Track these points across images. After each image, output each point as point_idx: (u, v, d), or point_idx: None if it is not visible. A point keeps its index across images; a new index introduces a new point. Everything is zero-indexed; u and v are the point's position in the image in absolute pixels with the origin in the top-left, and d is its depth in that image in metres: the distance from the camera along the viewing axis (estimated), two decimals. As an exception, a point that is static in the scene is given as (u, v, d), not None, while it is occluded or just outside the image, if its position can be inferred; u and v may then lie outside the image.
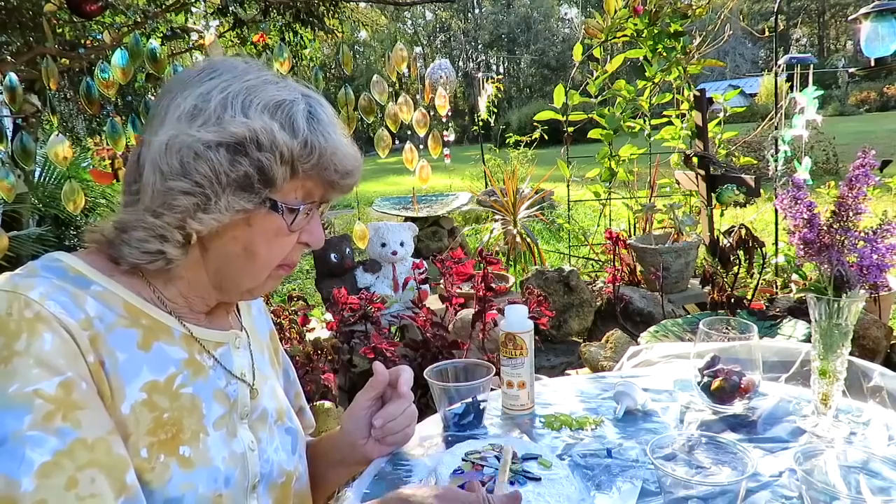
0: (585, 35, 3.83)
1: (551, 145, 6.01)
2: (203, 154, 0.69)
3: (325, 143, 0.73)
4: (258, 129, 0.69)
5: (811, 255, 1.00)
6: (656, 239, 3.61)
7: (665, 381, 1.23)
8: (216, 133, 0.69)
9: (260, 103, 0.71)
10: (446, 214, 5.12)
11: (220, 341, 0.84)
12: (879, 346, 2.51)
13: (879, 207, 2.06)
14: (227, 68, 0.75)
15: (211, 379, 0.80)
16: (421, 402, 2.35)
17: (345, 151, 0.76)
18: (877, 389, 1.34)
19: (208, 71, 0.75)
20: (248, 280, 0.79)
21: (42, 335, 0.64)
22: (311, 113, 0.74)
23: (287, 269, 0.82)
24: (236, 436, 0.80)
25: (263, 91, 0.72)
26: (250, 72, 0.75)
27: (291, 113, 0.72)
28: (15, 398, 0.61)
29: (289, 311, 2.55)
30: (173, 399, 0.74)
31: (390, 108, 2.81)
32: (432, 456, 0.99)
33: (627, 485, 0.88)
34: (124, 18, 4.59)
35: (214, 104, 0.71)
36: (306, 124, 0.72)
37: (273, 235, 0.76)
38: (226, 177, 0.70)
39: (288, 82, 0.76)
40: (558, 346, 3.17)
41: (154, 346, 0.74)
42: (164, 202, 0.71)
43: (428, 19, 40.07)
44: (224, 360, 0.83)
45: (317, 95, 0.78)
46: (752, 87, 20.84)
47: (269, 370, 0.94)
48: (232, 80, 0.73)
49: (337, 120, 0.78)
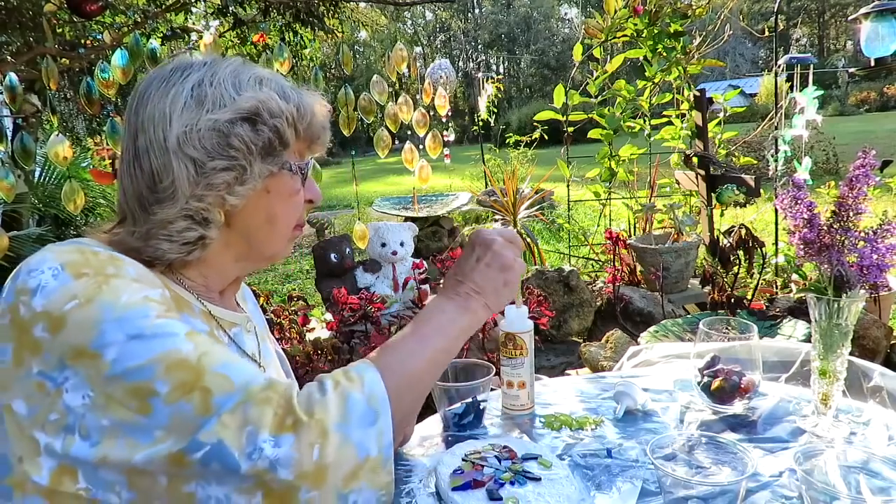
0: (585, 35, 3.83)
1: (551, 145, 6.01)
2: (228, 130, 0.75)
3: (311, 105, 0.82)
4: (265, 99, 0.77)
5: (811, 255, 1.00)
6: (656, 239, 3.61)
7: (665, 381, 1.23)
8: (231, 111, 0.75)
9: (248, 80, 0.78)
10: (446, 214, 5.12)
11: (234, 322, 0.88)
12: (879, 346, 2.51)
13: (879, 207, 2.06)
14: (198, 64, 0.80)
15: None
16: (421, 402, 2.36)
17: (321, 108, 0.85)
18: (877, 389, 1.34)
19: (181, 69, 0.79)
20: (271, 246, 0.85)
21: (125, 265, 0.70)
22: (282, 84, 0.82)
23: (300, 230, 0.89)
24: None
25: (244, 72, 0.79)
26: (218, 61, 0.81)
27: (279, 84, 0.80)
28: (130, 304, 0.66)
29: (289, 311, 2.55)
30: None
31: (390, 108, 2.82)
32: (432, 456, 0.99)
33: (627, 485, 0.88)
34: (124, 18, 4.59)
35: (213, 89, 0.76)
36: (291, 90, 0.81)
37: (288, 197, 0.83)
38: (254, 146, 0.76)
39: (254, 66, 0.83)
40: (558, 346, 3.17)
41: (182, 315, 0.77)
42: (205, 184, 0.75)
43: (428, 19, 40.08)
44: (238, 340, 0.87)
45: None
46: (752, 87, 20.85)
47: (272, 357, 0.99)
48: (210, 69, 0.78)
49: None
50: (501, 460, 0.91)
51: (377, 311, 2.61)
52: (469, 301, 0.84)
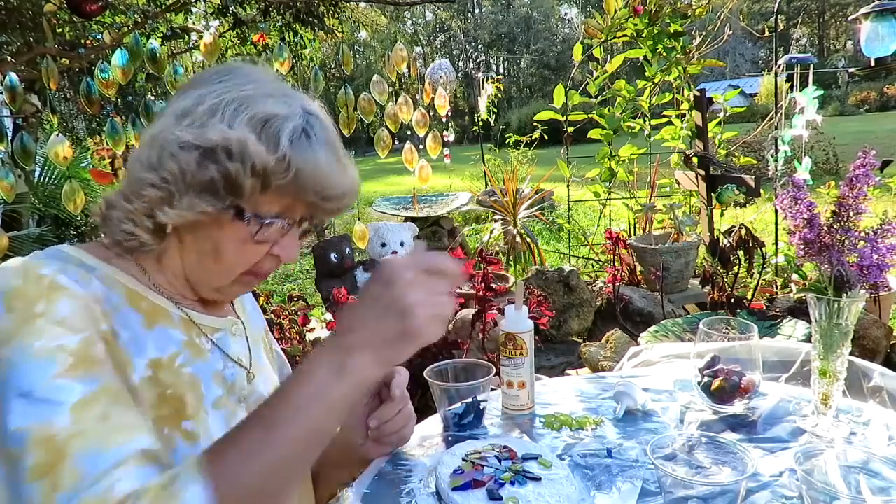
0: (585, 35, 3.83)
1: (551, 145, 6.01)
2: (176, 153, 0.72)
3: (306, 163, 0.74)
4: (232, 139, 0.71)
5: (811, 255, 1.00)
6: (656, 239, 3.61)
7: (665, 381, 1.23)
8: (194, 135, 0.72)
9: (248, 114, 0.73)
10: (446, 214, 5.13)
11: (217, 327, 0.86)
12: (879, 346, 2.51)
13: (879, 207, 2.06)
14: (241, 74, 0.78)
15: (210, 361, 0.82)
16: (421, 402, 2.36)
17: (330, 175, 0.76)
18: (877, 389, 1.34)
19: (222, 74, 0.78)
20: (215, 279, 0.81)
21: (59, 300, 0.67)
22: (305, 131, 0.75)
23: (255, 278, 0.84)
24: (234, 418, 0.81)
25: (259, 103, 0.74)
26: (257, 80, 0.77)
27: (278, 128, 0.73)
28: (40, 352, 0.64)
29: (289, 311, 2.55)
30: (176, 376, 0.76)
31: (390, 108, 2.82)
32: (432, 456, 0.99)
33: (627, 485, 0.88)
34: (124, 18, 4.59)
35: (205, 108, 0.74)
36: (290, 142, 0.73)
37: (241, 242, 0.78)
38: (191, 177, 0.72)
39: (293, 98, 0.78)
40: (558, 346, 3.17)
41: (157, 328, 0.77)
42: (134, 190, 0.74)
43: (428, 19, 40.08)
44: (222, 345, 0.86)
45: (322, 114, 0.79)
46: (752, 87, 20.84)
47: (264, 361, 0.96)
48: (234, 87, 0.75)
49: (338, 144, 0.79)
50: (501, 460, 0.91)
51: (377, 311, 2.60)
52: (350, 357, 0.66)
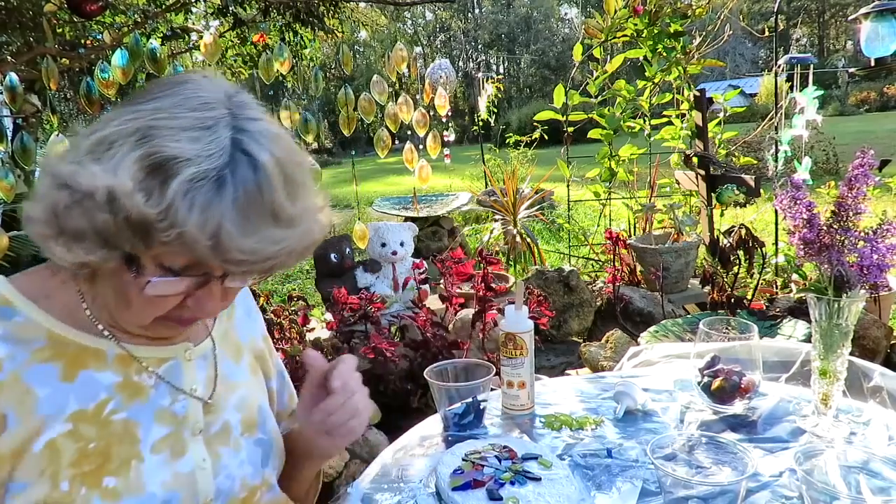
0: (585, 35, 3.83)
1: (551, 145, 6.00)
2: (47, 190, 0.63)
3: (193, 220, 0.58)
4: (100, 187, 0.59)
5: (811, 255, 1.00)
6: (656, 239, 3.61)
7: (665, 381, 1.23)
8: (70, 173, 0.61)
9: (143, 152, 0.59)
10: (446, 214, 5.13)
11: (164, 357, 0.79)
12: (879, 346, 2.51)
13: (879, 207, 2.06)
14: (174, 92, 0.65)
15: (152, 399, 0.76)
16: (421, 402, 2.36)
17: (227, 238, 0.60)
18: (877, 389, 1.34)
19: (156, 90, 0.66)
20: (127, 323, 0.74)
21: None
22: (218, 181, 0.59)
23: (182, 323, 0.74)
24: (185, 454, 0.76)
25: (165, 138, 0.60)
26: (181, 106, 0.63)
27: (172, 175, 0.58)
28: None
29: (289, 311, 2.55)
30: (102, 427, 0.71)
31: (390, 108, 2.82)
32: (432, 456, 0.99)
33: (627, 485, 0.88)
34: (124, 18, 4.60)
35: (95, 139, 0.62)
36: (184, 194, 0.58)
37: (137, 291, 0.67)
38: (62, 221, 0.62)
39: (220, 132, 0.62)
40: (558, 346, 3.17)
41: (80, 376, 0.72)
42: (27, 218, 0.66)
43: (428, 19, 40.08)
44: (170, 376, 0.78)
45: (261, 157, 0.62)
46: (752, 87, 20.84)
47: (244, 377, 0.89)
48: (147, 112, 0.62)
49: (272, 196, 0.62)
50: (501, 460, 0.91)
51: (377, 311, 2.61)
52: None
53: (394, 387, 2.37)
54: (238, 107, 0.65)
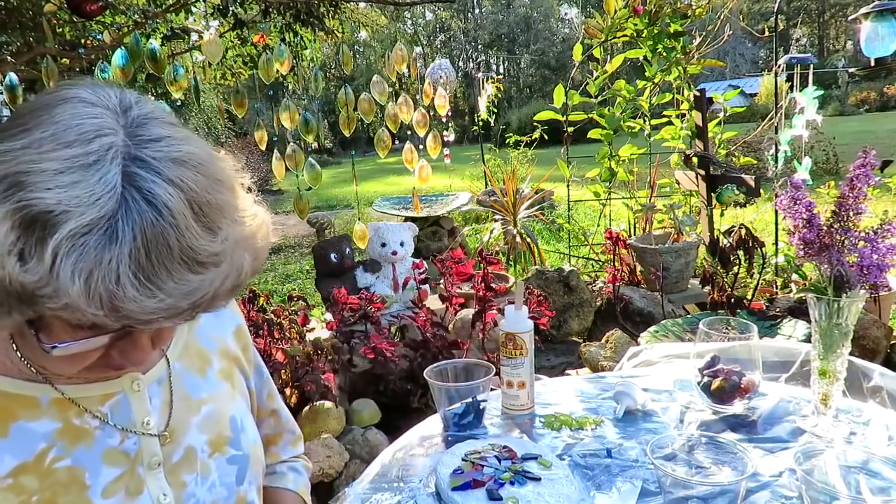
0: (585, 35, 3.83)
1: (551, 145, 6.00)
2: None
3: (78, 288, 0.48)
4: None
5: (811, 255, 1.00)
6: (656, 239, 3.61)
7: (665, 381, 1.23)
8: None
9: (11, 205, 0.49)
10: (446, 214, 5.13)
11: (108, 393, 0.71)
12: (879, 346, 2.51)
13: (879, 207, 2.06)
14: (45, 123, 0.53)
15: (98, 441, 0.69)
16: (421, 402, 2.36)
17: (131, 299, 0.50)
18: (877, 389, 1.34)
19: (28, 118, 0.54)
20: (57, 377, 0.67)
21: None
22: (108, 232, 0.49)
23: (112, 369, 0.65)
24: (141, 493, 0.71)
25: (37, 184, 0.49)
26: (57, 140, 0.51)
27: (49, 233, 0.48)
28: None
29: (289, 311, 2.55)
30: (45, 477, 0.65)
31: (390, 109, 2.82)
32: (432, 456, 0.99)
33: (627, 485, 0.88)
34: (124, 18, 4.60)
35: None
36: (64, 255, 0.48)
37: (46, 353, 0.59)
38: None
39: (107, 167, 0.51)
40: (558, 346, 3.17)
41: (12, 429, 0.65)
42: None
43: (428, 19, 40.08)
44: (116, 414, 0.71)
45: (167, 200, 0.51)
46: (752, 87, 20.85)
47: (213, 388, 0.82)
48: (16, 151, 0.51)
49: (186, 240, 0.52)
50: (501, 460, 0.91)
51: (377, 311, 2.61)
52: None
53: (394, 387, 2.37)
54: (135, 125, 0.55)
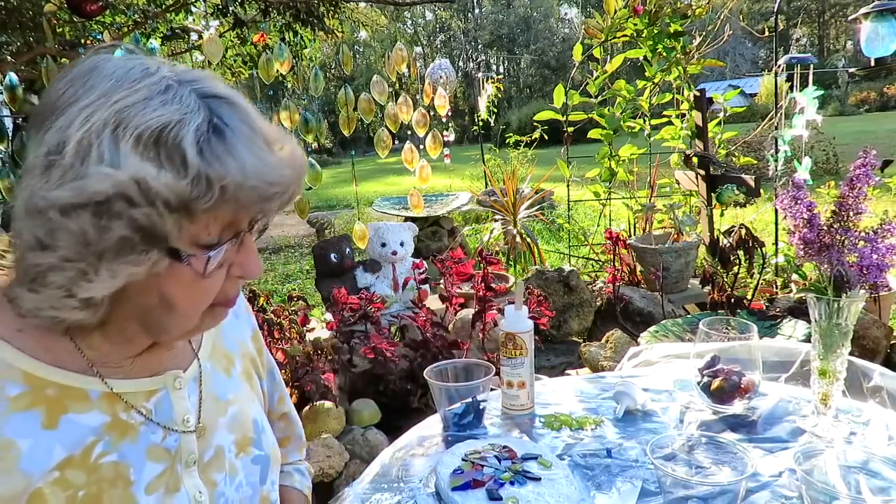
0: (585, 35, 3.83)
1: (551, 145, 6.00)
2: (62, 223, 0.55)
3: (227, 173, 0.57)
4: (124, 182, 0.54)
5: (811, 255, 1.00)
6: (656, 239, 3.61)
7: (665, 381, 1.23)
8: (74, 192, 0.54)
9: (132, 135, 0.55)
10: (446, 214, 5.13)
11: (153, 389, 0.73)
12: (879, 346, 2.51)
13: (879, 207, 2.06)
14: (101, 78, 0.58)
15: (142, 437, 0.71)
16: (421, 402, 2.36)
17: (261, 173, 0.59)
18: (877, 389, 1.34)
19: (79, 84, 0.59)
20: (175, 328, 0.68)
21: None
22: (214, 127, 0.58)
23: (226, 306, 0.70)
24: (179, 490, 0.72)
25: (139, 114, 0.55)
26: (124, 82, 0.58)
27: (177, 140, 0.55)
28: None
29: (289, 311, 2.55)
30: (91, 472, 0.66)
31: (390, 109, 2.82)
32: (432, 456, 0.99)
33: (627, 485, 0.88)
34: (124, 18, 4.59)
35: (72, 149, 0.55)
36: (198, 153, 0.56)
37: (189, 282, 0.63)
38: (96, 246, 0.56)
39: (181, 84, 0.59)
40: (558, 346, 3.17)
41: (62, 421, 0.65)
42: (35, 278, 0.59)
43: (428, 19, 40.08)
44: (159, 411, 0.73)
45: (226, 93, 0.61)
46: (752, 87, 20.85)
47: (237, 389, 0.84)
48: (99, 102, 0.56)
49: (259, 122, 0.62)
50: (501, 460, 0.91)
51: (377, 311, 2.61)
52: None
53: (394, 387, 2.37)
54: (171, 64, 0.63)
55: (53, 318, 0.62)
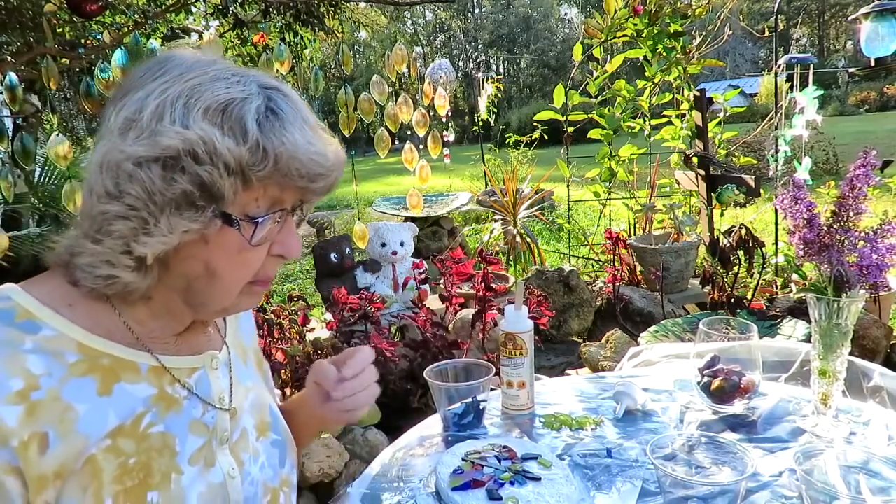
0: (585, 35, 3.83)
1: (551, 145, 6.00)
2: (134, 173, 0.62)
3: (282, 145, 0.64)
4: (194, 139, 0.61)
5: (811, 255, 1.00)
6: (656, 239, 3.61)
7: (665, 381, 1.23)
8: (148, 147, 0.62)
9: (202, 106, 0.63)
10: (446, 214, 5.13)
11: (194, 367, 0.78)
12: (879, 346, 2.51)
13: (879, 207, 2.06)
14: (175, 64, 0.67)
15: (185, 410, 0.75)
16: (421, 402, 2.36)
17: (309, 151, 0.66)
18: (877, 389, 1.34)
19: (155, 69, 0.68)
20: (216, 300, 0.72)
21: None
22: (271, 109, 0.66)
23: (263, 286, 0.75)
24: (214, 465, 0.76)
25: (209, 90, 0.64)
26: (197, 67, 0.67)
27: (240, 113, 0.63)
28: None
29: (289, 311, 2.55)
30: (140, 441, 0.69)
31: (390, 109, 2.82)
32: (432, 456, 0.99)
33: (627, 485, 0.88)
34: (124, 18, 4.59)
35: (149, 112, 0.63)
36: (257, 125, 0.64)
37: (235, 252, 0.69)
38: (161, 196, 0.62)
39: (244, 75, 0.68)
40: (558, 346, 3.17)
41: (115, 389, 0.69)
42: (100, 227, 0.65)
43: (428, 19, 40.08)
44: (199, 387, 0.77)
45: (281, 86, 0.70)
46: (752, 87, 20.85)
47: (253, 379, 0.89)
48: (175, 79, 0.65)
49: (308, 114, 0.70)
50: (501, 460, 0.91)
51: (377, 311, 2.61)
52: None
53: (394, 387, 2.37)
54: (226, 61, 0.71)
55: (107, 277, 0.66)
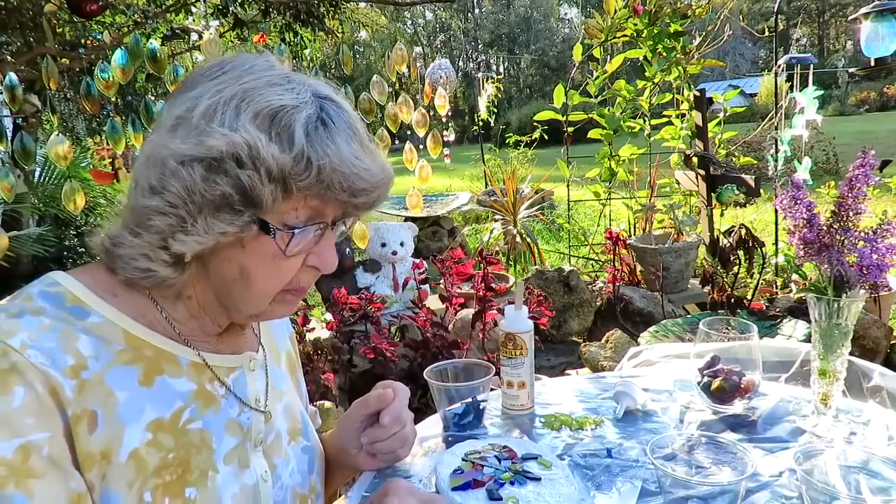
0: (585, 35, 3.83)
1: (551, 145, 6.01)
2: (177, 171, 0.62)
3: (326, 156, 0.63)
4: (239, 143, 0.61)
5: (811, 255, 1.00)
6: (656, 239, 3.61)
7: (665, 381, 1.23)
8: (193, 146, 0.62)
9: (253, 110, 0.63)
10: (446, 214, 5.13)
11: (232, 366, 0.78)
12: (879, 346, 2.51)
13: (879, 207, 2.06)
14: (235, 66, 0.68)
15: (223, 409, 0.75)
16: (421, 402, 2.36)
17: (354, 165, 0.65)
18: (877, 389, 1.34)
19: (215, 69, 0.68)
20: (248, 305, 0.72)
21: (13, 390, 0.58)
22: (321, 119, 0.65)
23: (297, 295, 0.75)
24: (248, 466, 0.76)
25: (262, 95, 0.64)
26: (255, 70, 0.67)
27: (290, 121, 0.63)
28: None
29: (289, 311, 2.55)
30: (179, 436, 0.69)
31: (390, 108, 2.82)
32: (432, 456, 0.99)
33: (627, 485, 0.88)
34: (124, 18, 4.59)
35: (200, 112, 0.63)
36: (305, 135, 0.63)
37: (269, 259, 0.68)
38: (200, 197, 0.62)
39: (301, 82, 0.67)
40: (558, 346, 3.17)
41: (157, 381, 0.69)
42: (139, 221, 0.65)
43: (428, 19, 40.08)
44: (237, 387, 0.77)
45: (336, 97, 0.69)
46: (752, 87, 20.86)
47: (286, 384, 0.89)
48: (230, 81, 0.65)
49: (359, 127, 0.69)
50: (501, 460, 0.91)
51: (377, 311, 2.61)
52: None
53: (394, 387, 2.36)
54: (283, 66, 0.71)
55: (145, 269, 0.67)
